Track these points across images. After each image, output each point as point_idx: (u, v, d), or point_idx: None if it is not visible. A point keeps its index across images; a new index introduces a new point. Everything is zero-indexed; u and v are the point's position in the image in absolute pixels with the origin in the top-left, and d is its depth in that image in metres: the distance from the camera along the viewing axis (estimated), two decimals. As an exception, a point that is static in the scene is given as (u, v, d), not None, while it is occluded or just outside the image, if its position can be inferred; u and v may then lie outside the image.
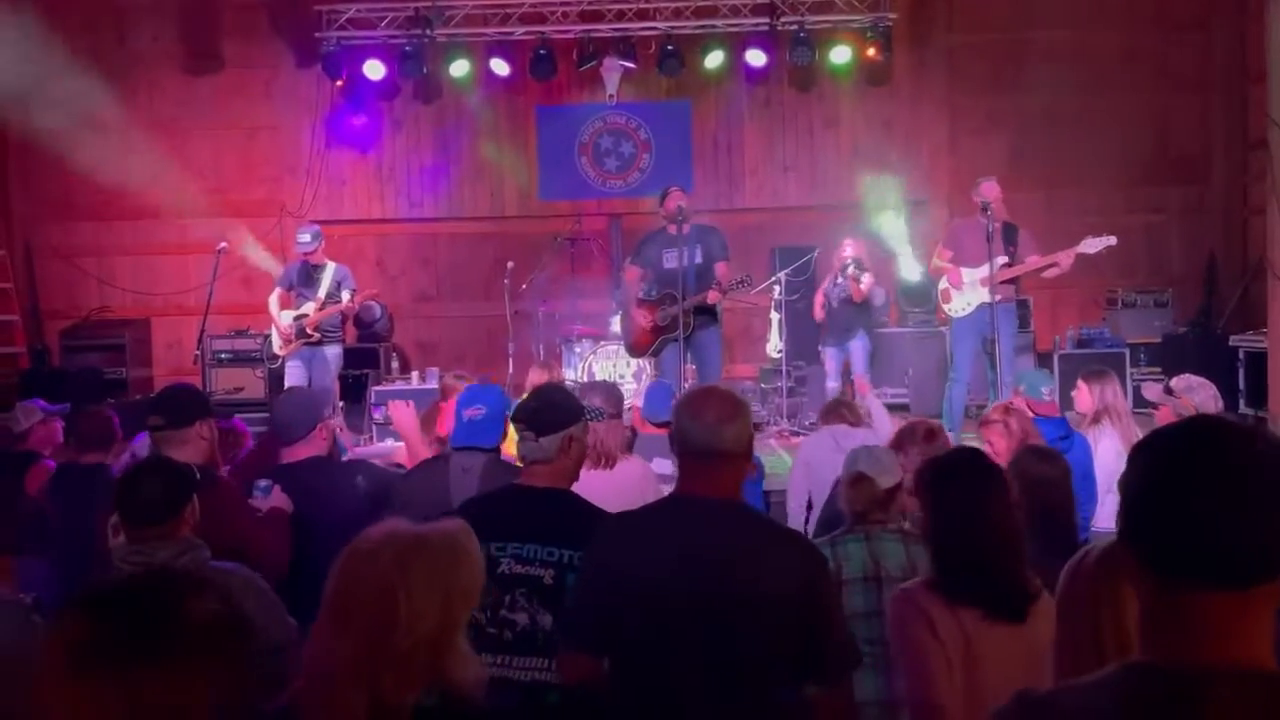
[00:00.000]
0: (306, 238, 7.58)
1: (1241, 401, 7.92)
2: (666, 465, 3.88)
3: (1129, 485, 1.23)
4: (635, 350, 7.28)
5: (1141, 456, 1.23)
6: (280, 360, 7.73)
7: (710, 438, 2.24)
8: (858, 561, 2.93)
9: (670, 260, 6.71)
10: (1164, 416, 4.52)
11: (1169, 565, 1.17)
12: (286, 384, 7.35)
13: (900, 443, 3.59)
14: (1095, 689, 1.21)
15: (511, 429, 3.09)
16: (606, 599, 2.24)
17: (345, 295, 7.47)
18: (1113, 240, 6.66)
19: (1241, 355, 8.03)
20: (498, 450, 3.29)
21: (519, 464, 2.87)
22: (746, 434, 2.30)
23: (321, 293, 7.50)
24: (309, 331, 7.49)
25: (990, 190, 6.77)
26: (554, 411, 2.68)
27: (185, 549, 2.51)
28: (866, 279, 7.83)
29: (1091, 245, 6.64)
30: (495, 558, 2.49)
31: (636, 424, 4.45)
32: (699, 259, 6.72)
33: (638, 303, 6.99)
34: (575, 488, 2.74)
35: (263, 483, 3.39)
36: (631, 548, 2.26)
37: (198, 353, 7.89)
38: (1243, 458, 1.17)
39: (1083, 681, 1.25)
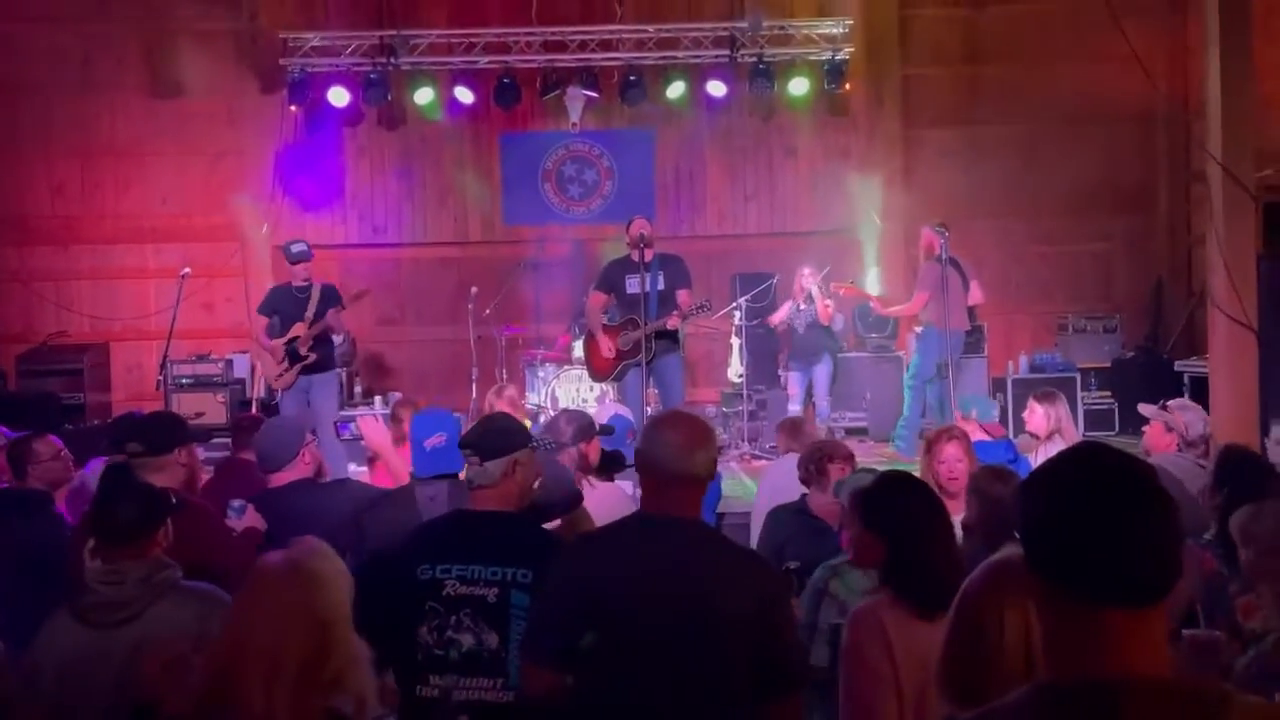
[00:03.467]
0: (303, 246, 7.10)
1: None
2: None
3: (1029, 512, 1.29)
4: (598, 375, 7.36)
5: (1035, 485, 1.31)
6: (276, 394, 7.23)
7: (677, 463, 2.32)
8: (858, 587, 2.95)
9: (633, 286, 6.84)
10: (1155, 431, 4.69)
11: (1071, 587, 1.24)
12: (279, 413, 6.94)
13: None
14: (1014, 710, 1.28)
15: None
16: (570, 614, 2.30)
17: (332, 311, 6.96)
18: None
19: (1186, 380, 8.27)
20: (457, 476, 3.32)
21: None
22: (711, 459, 2.39)
23: (309, 312, 6.97)
24: (303, 353, 6.91)
25: (922, 239, 7.53)
26: (498, 437, 2.76)
27: (157, 568, 2.55)
28: (824, 302, 8.10)
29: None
30: (440, 580, 2.58)
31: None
32: (661, 285, 6.84)
33: (602, 328, 7.10)
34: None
35: (236, 503, 3.43)
36: (596, 564, 2.33)
37: (160, 377, 7.76)
38: (1126, 485, 1.25)
39: (1002, 704, 1.31)
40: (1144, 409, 4.99)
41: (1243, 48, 6.57)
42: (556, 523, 3.04)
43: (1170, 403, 4.90)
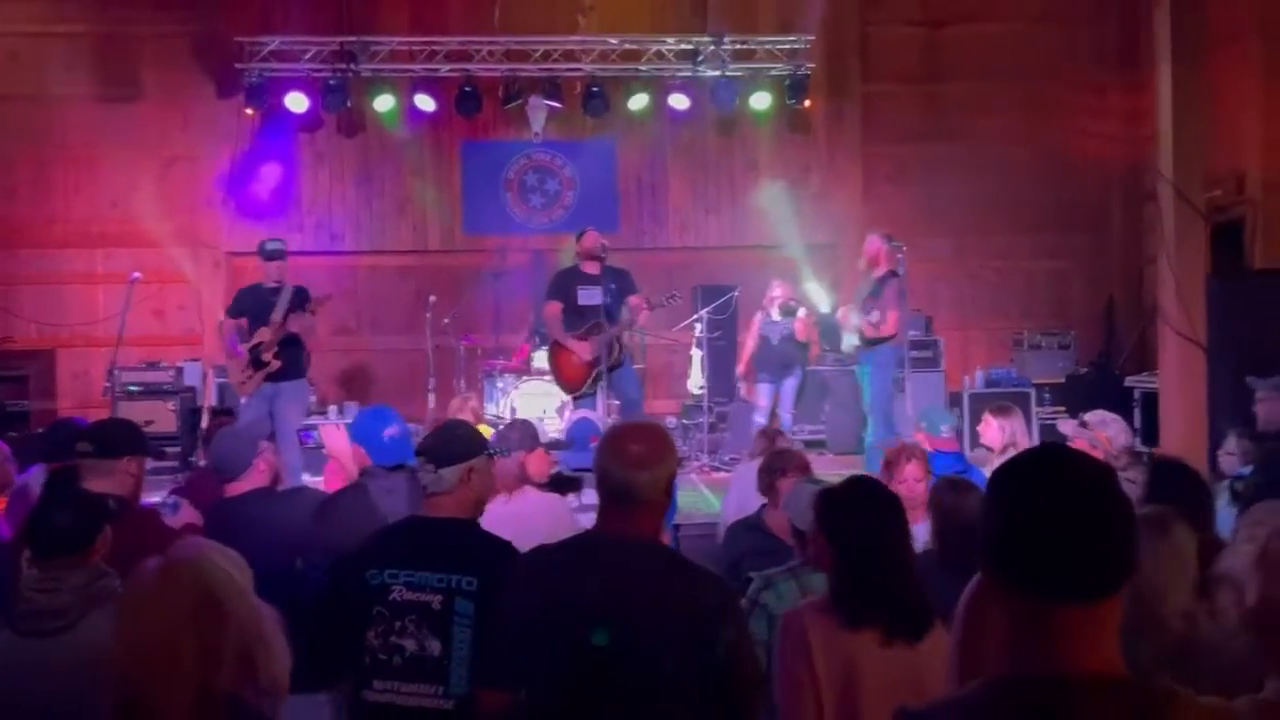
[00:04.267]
0: (277, 244, 6.82)
1: (1138, 440, 8.28)
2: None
3: (988, 511, 1.33)
4: (570, 386, 7.22)
5: (997, 485, 1.34)
6: (242, 400, 6.90)
7: (632, 480, 2.26)
8: (788, 597, 2.99)
9: (584, 297, 6.94)
10: (1078, 448, 4.73)
11: (1026, 584, 1.27)
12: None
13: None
14: (966, 703, 1.30)
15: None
16: (521, 635, 2.26)
17: (296, 316, 6.65)
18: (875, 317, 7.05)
19: (1137, 395, 8.41)
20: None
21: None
22: (669, 475, 2.33)
23: (277, 315, 6.64)
24: (265, 359, 6.60)
25: (866, 246, 7.41)
26: (454, 444, 2.75)
27: (96, 576, 2.48)
28: (803, 311, 8.21)
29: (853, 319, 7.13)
30: (388, 584, 2.58)
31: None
32: (610, 296, 6.97)
33: (574, 338, 7.03)
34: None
35: (170, 499, 3.36)
36: (547, 585, 2.29)
37: (107, 385, 7.56)
38: (1081, 483, 1.29)
39: (954, 696, 1.35)
40: (1064, 427, 5.02)
41: (1195, 71, 6.71)
42: None
43: (1089, 417, 4.90)
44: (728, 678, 2.23)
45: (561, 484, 4.13)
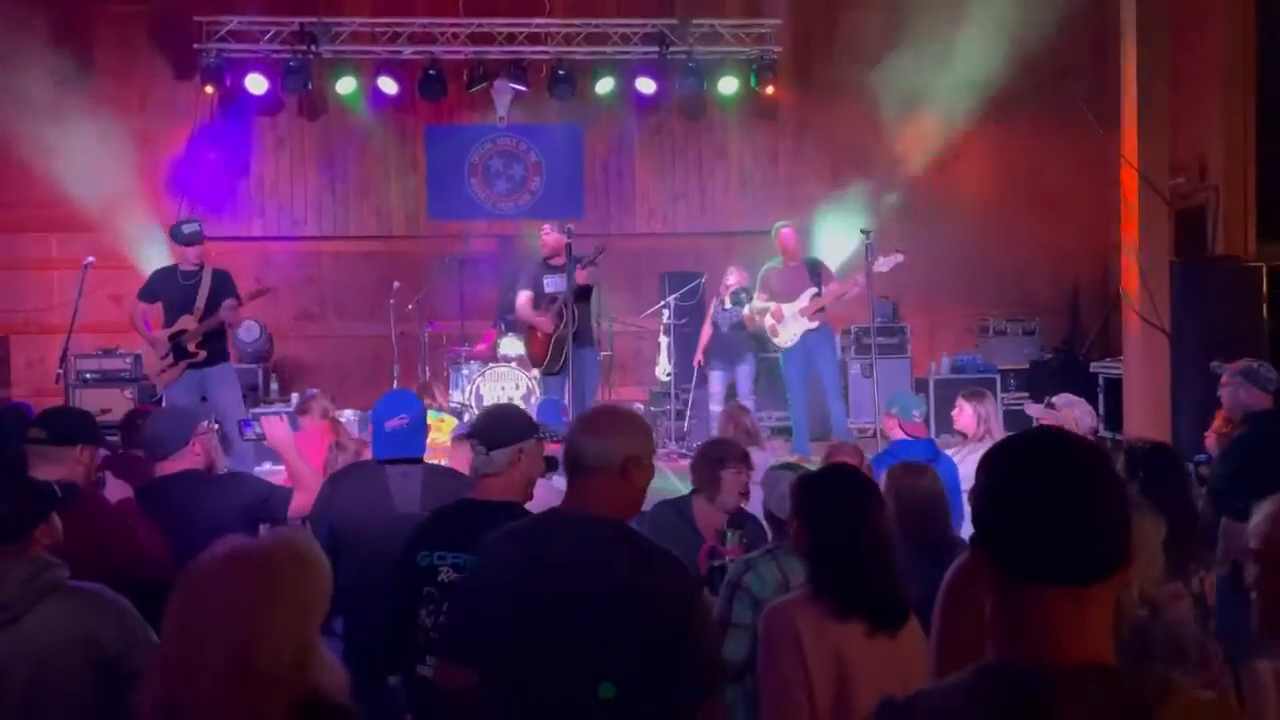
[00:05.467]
0: (195, 227, 6.49)
1: (1101, 425, 8.34)
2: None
3: (980, 491, 1.31)
4: (537, 358, 7.63)
5: (990, 465, 1.32)
6: (157, 390, 6.75)
7: (593, 457, 2.24)
8: (770, 580, 2.95)
9: (550, 285, 7.40)
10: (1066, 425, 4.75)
11: (1016, 566, 1.25)
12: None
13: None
14: (952, 691, 1.26)
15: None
16: (480, 611, 2.25)
17: (227, 304, 6.41)
18: (900, 258, 7.38)
19: (1101, 381, 8.47)
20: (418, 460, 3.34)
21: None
22: (623, 450, 2.25)
23: (200, 302, 6.41)
24: (190, 349, 6.40)
25: (786, 238, 7.93)
26: (505, 427, 2.81)
27: (41, 568, 2.39)
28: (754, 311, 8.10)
29: (883, 264, 7.33)
30: (436, 566, 2.69)
31: None
32: (574, 283, 7.27)
33: (537, 315, 7.45)
34: None
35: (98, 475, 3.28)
36: (506, 561, 2.26)
37: (60, 372, 7.35)
38: (1080, 465, 1.27)
39: (940, 685, 1.31)
40: (1030, 409, 5.06)
41: (1160, 58, 6.73)
42: None
43: (1055, 399, 4.96)
44: (686, 663, 2.18)
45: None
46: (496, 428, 2.80)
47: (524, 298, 7.51)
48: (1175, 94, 7.14)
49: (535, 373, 7.85)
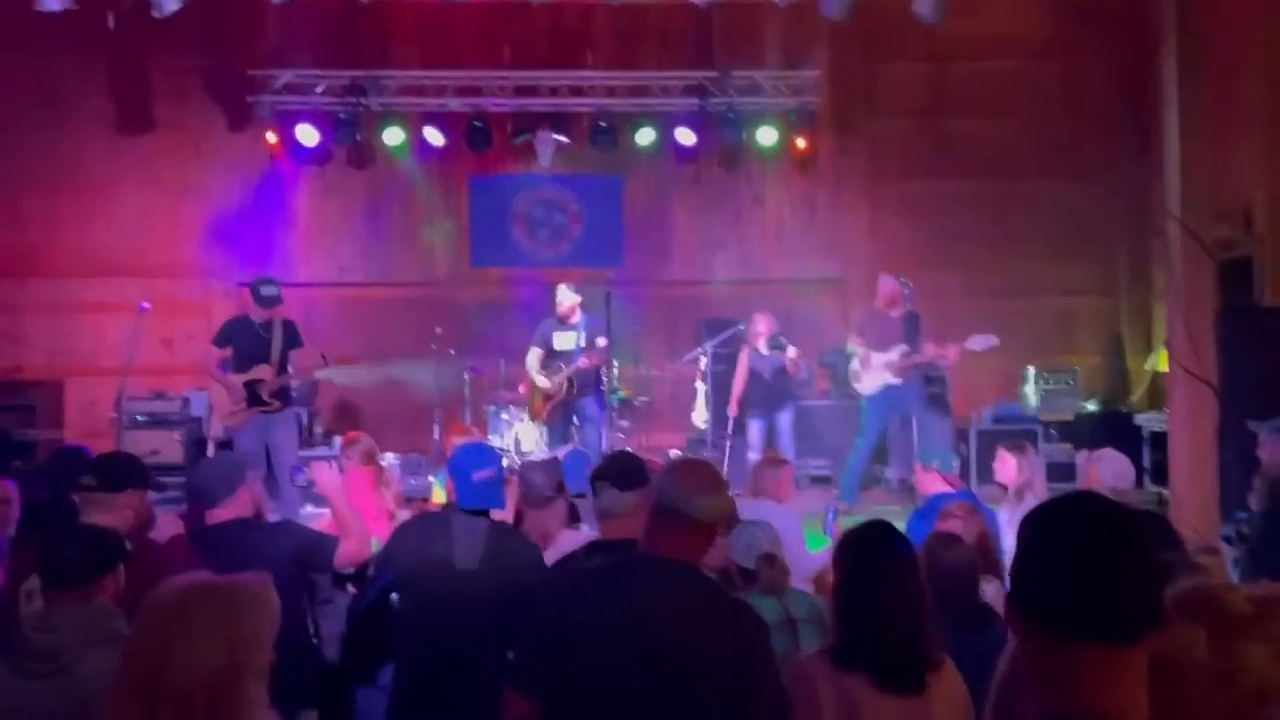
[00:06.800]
0: (274, 290, 6.80)
1: (1146, 479, 8.21)
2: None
3: (1021, 549, 1.38)
4: (534, 413, 8.18)
5: (1030, 525, 1.39)
6: (227, 431, 6.98)
7: (678, 504, 2.33)
8: (772, 613, 3.10)
9: (559, 342, 7.89)
10: (1085, 482, 4.72)
11: (1054, 622, 1.31)
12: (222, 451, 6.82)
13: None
14: None
15: None
16: (549, 642, 2.29)
17: (293, 354, 6.80)
18: (995, 340, 7.54)
19: (1146, 434, 8.34)
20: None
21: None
22: (716, 506, 2.38)
23: (274, 354, 6.73)
24: (265, 398, 6.68)
25: (886, 287, 7.89)
26: (634, 471, 3.03)
27: (101, 617, 2.44)
28: (793, 351, 8.10)
29: (977, 344, 7.54)
30: None
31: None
32: (584, 342, 7.68)
33: (541, 375, 8.00)
34: None
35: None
36: (580, 596, 2.32)
37: (114, 415, 7.55)
38: (1117, 527, 1.33)
39: None
40: (1080, 458, 5.04)
41: (1201, 105, 6.70)
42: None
43: (1097, 453, 4.93)
44: (753, 707, 2.22)
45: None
46: (628, 472, 3.01)
47: (533, 355, 7.94)
48: (1217, 144, 7.09)
49: (529, 420, 8.33)
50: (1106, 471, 4.50)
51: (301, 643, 3.45)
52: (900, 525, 3.10)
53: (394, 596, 3.25)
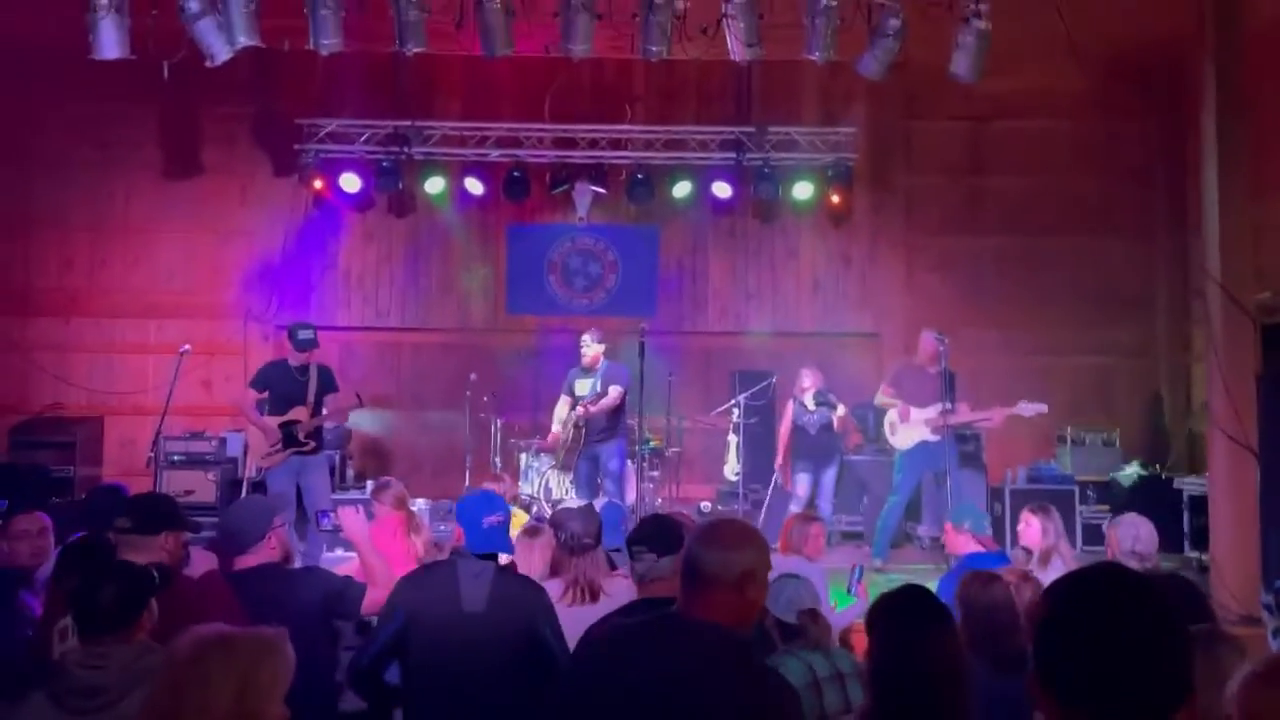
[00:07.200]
0: (310, 334, 6.94)
1: (1186, 544, 8.04)
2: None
3: (1047, 627, 1.36)
4: (565, 465, 8.26)
5: (1057, 604, 1.37)
6: (260, 472, 7.07)
7: (699, 560, 2.27)
8: (798, 672, 3.15)
9: (579, 390, 8.04)
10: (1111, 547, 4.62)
11: (1076, 700, 1.29)
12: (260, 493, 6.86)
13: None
14: None
15: None
16: (574, 706, 2.25)
17: (329, 398, 6.93)
18: (1044, 408, 7.48)
19: (1185, 498, 8.18)
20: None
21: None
22: (743, 563, 2.27)
23: (310, 397, 6.87)
24: (301, 439, 6.81)
25: (927, 343, 7.77)
26: (671, 535, 3.02)
27: (143, 653, 2.48)
28: (842, 409, 8.14)
29: (1026, 410, 7.49)
30: None
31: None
32: (599, 388, 7.84)
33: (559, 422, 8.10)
34: (566, 627, 3.16)
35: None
36: (604, 659, 2.28)
37: (151, 454, 7.63)
38: (1139, 603, 1.31)
39: None
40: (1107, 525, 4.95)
41: (1241, 167, 6.67)
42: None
43: (1117, 518, 4.81)
44: None
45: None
46: (665, 536, 3.02)
47: (561, 404, 8.13)
48: (1257, 205, 7.03)
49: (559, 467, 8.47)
50: (1125, 536, 4.40)
51: (325, 689, 3.45)
52: (931, 585, 3.06)
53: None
